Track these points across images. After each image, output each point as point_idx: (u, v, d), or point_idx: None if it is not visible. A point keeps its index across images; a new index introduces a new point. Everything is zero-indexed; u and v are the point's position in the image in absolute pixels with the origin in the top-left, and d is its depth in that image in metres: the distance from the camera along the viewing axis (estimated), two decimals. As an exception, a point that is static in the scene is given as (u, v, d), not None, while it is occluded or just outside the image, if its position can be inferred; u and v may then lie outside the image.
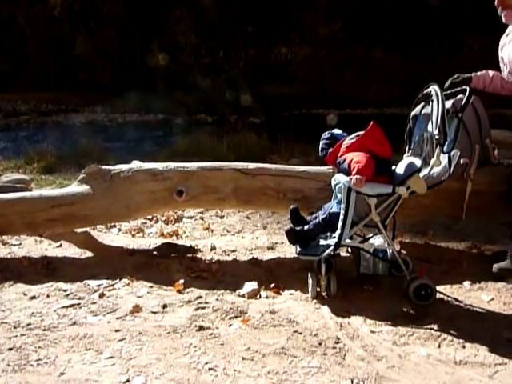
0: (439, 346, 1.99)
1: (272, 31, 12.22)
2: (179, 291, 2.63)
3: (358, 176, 2.42)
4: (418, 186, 2.44)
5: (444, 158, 2.42)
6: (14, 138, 9.50)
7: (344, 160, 2.59)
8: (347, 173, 2.52)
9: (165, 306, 2.42)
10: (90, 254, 3.26)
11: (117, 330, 2.10)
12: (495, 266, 2.73)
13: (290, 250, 3.35)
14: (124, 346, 1.95)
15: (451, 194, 2.96)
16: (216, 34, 12.65)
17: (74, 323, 2.21)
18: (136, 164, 3.35)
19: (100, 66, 13.06)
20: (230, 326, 2.20)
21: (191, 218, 4.20)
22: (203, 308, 2.41)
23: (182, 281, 2.71)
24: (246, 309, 2.39)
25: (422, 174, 2.45)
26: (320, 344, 1.98)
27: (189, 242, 3.62)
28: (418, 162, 2.52)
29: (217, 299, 2.52)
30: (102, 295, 2.57)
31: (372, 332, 2.16)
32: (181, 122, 11.20)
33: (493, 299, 2.54)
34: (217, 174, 3.23)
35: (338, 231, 2.50)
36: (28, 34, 13.46)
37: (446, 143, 2.38)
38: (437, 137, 2.36)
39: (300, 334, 2.07)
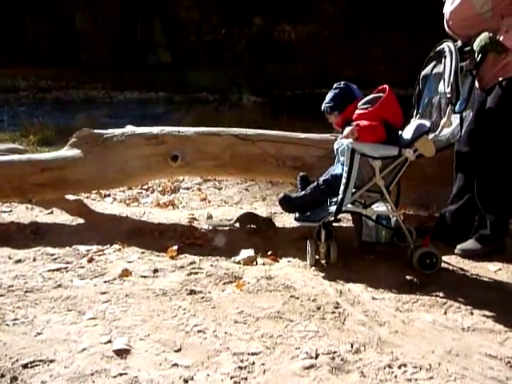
0: (445, 313, 1.86)
1: (276, 9, 11.91)
2: (172, 257, 2.50)
3: (352, 131, 2.27)
4: (426, 149, 2.28)
5: (455, 119, 2.25)
6: (11, 112, 9.30)
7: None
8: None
9: (156, 271, 2.28)
10: (81, 220, 3.12)
11: (103, 293, 1.97)
12: (458, 248, 2.56)
13: (289, 220, 3.21)
14: (108, 307, 1.82)
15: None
16: (219, 11, 12.34)
17: (59, 286, 2.08)
18: (129, 128, 3.19)
19: (101, 43, 12.78)
20: (223, 290, 2.07)
21: (188, 188, 4.05)
22: (196, 273, 2.27)
23: (175, 247, 2.58)
24: (241, 274, 2.26)
25: (430, 136, 2.28)
26: (318, 309, 1.84)
27: (185, 211, 3.49)
28: (426, 123, 2.35)
29: (211, 265, 2.39)
30: (90, 260, 2.44)
31: (373, 299, 2.02)
32: (182, 99, 10.98)
33: (500, 269, 2.40)
34: (214, 140, 3.07)
35: (340, 196, 2.35)
36: (28, 9, 13.17)
37: (459, 102, 2.21)
38: (449, 95, 2.19)
39: (297, 298, 1.94)
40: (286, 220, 3.21)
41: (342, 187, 2.34)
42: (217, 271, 2.29)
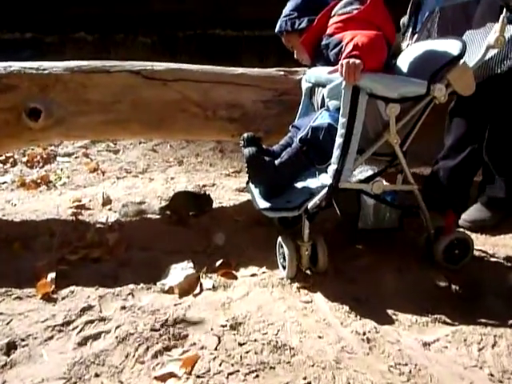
0: None
1: None
2: (46, 297, 1.28)
3: (356, 60, 1.21)
4: (463, 83, 1.32)
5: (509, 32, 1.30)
6: None
7: (339, 41, 1.34)
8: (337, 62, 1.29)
9: (11, 348, 1.06)
10: None
11: None
12: (464, 218, 1.76)
13: (226, 195, 2.12)
14: None
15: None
16: None
17: None
18: None
19: None
20: (159, 385, 0.95)
21: (70, 155, 2.67)
22: (95, 337, 1.10)
23: (51, 275, 1.34)
24: (184, 327, 1.14)
25: (472, 62, 1.31)
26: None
27: (68, 191, 2.18)
28: (455, 45, 1.35)
29: (123, 307, 1.22)
30: None
31: (425, 346, 1.08)
32: (54, 40, 8.65)
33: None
34: (101, 80, 1.76)
35: (333, 165, 1.31)
36: None
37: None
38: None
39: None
40: (223, 195, 2.11)
41: (336, 152, 1.30)
42: (136, 324, 1.15)
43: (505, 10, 1.25)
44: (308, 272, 1.41)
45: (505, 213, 1.79)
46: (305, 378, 0.95)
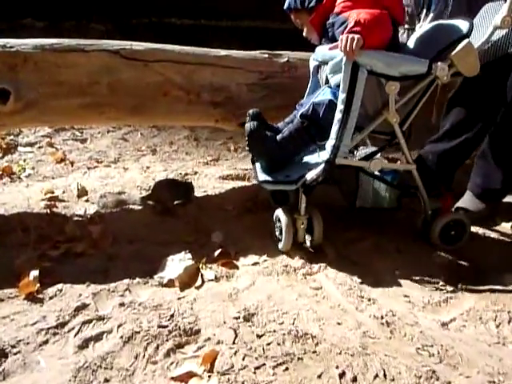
0: None
1: None
2: (31, 297, 1.14)
3: (355, 35, 1.17)
4: (467, 63, 1.30)
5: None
6: None
7: (345, 20, 1.29)
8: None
9: (2, 355, 0.92)
10: None
11: None
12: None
13: (210, 183, 2.02)
14: None
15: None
16: None
17: None
18: None
19: None
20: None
21: (32, 145, 2.44)
22: (98, 338, 0.99)
23: (34, 273, 1.20)
24: (192, 322, 1.05)
25: (478, 42, 1.30)
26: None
27: (36, 183, 1.99)
28: (462, 24, 1.34)
29: (121, 304, 1.11)
30: None
31: (440, 326, 1.06)
32: (1, 27, 8.00)
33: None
34: (76, 60, 1.60)
35: (332, 141, 1.26)
36: None
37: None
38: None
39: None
40: (207, 183, 2.01)
41: (335, 127, 1.25)
42: (139, 321, 1.04)
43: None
44: (310, 258, 1.36)
45: (498, 203, 1.78)
46: (337, 367, 0.89)
